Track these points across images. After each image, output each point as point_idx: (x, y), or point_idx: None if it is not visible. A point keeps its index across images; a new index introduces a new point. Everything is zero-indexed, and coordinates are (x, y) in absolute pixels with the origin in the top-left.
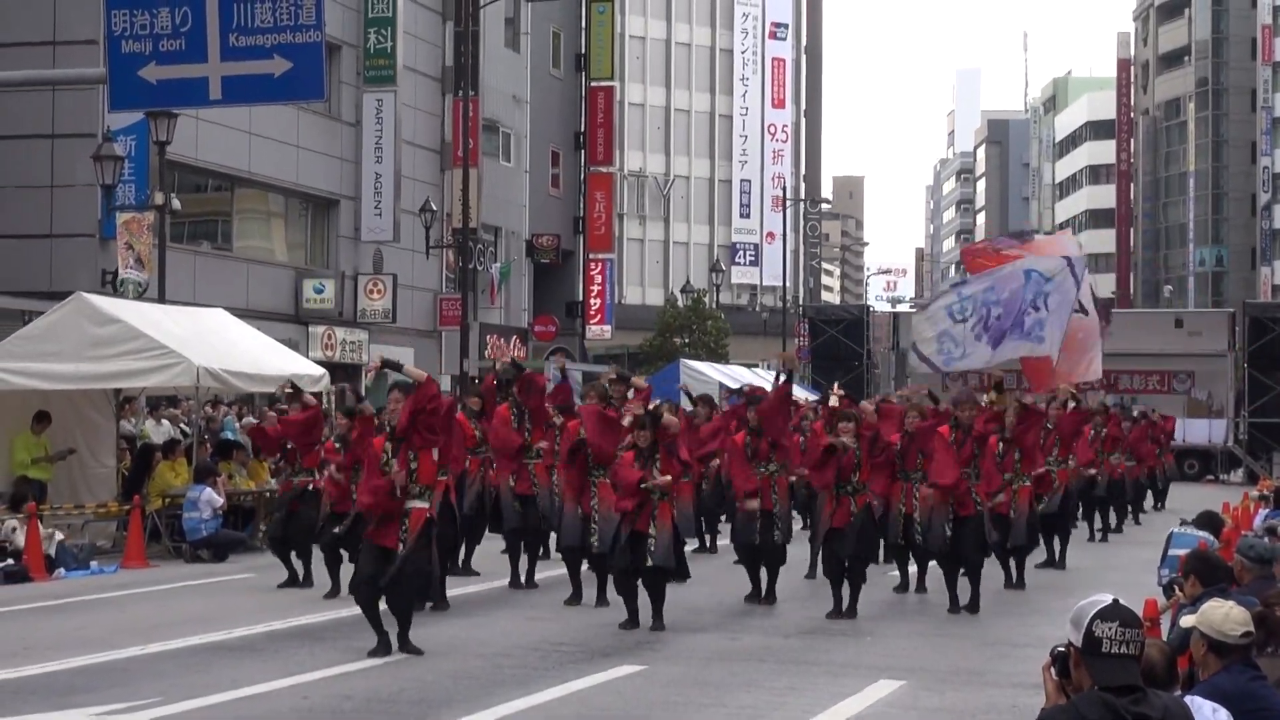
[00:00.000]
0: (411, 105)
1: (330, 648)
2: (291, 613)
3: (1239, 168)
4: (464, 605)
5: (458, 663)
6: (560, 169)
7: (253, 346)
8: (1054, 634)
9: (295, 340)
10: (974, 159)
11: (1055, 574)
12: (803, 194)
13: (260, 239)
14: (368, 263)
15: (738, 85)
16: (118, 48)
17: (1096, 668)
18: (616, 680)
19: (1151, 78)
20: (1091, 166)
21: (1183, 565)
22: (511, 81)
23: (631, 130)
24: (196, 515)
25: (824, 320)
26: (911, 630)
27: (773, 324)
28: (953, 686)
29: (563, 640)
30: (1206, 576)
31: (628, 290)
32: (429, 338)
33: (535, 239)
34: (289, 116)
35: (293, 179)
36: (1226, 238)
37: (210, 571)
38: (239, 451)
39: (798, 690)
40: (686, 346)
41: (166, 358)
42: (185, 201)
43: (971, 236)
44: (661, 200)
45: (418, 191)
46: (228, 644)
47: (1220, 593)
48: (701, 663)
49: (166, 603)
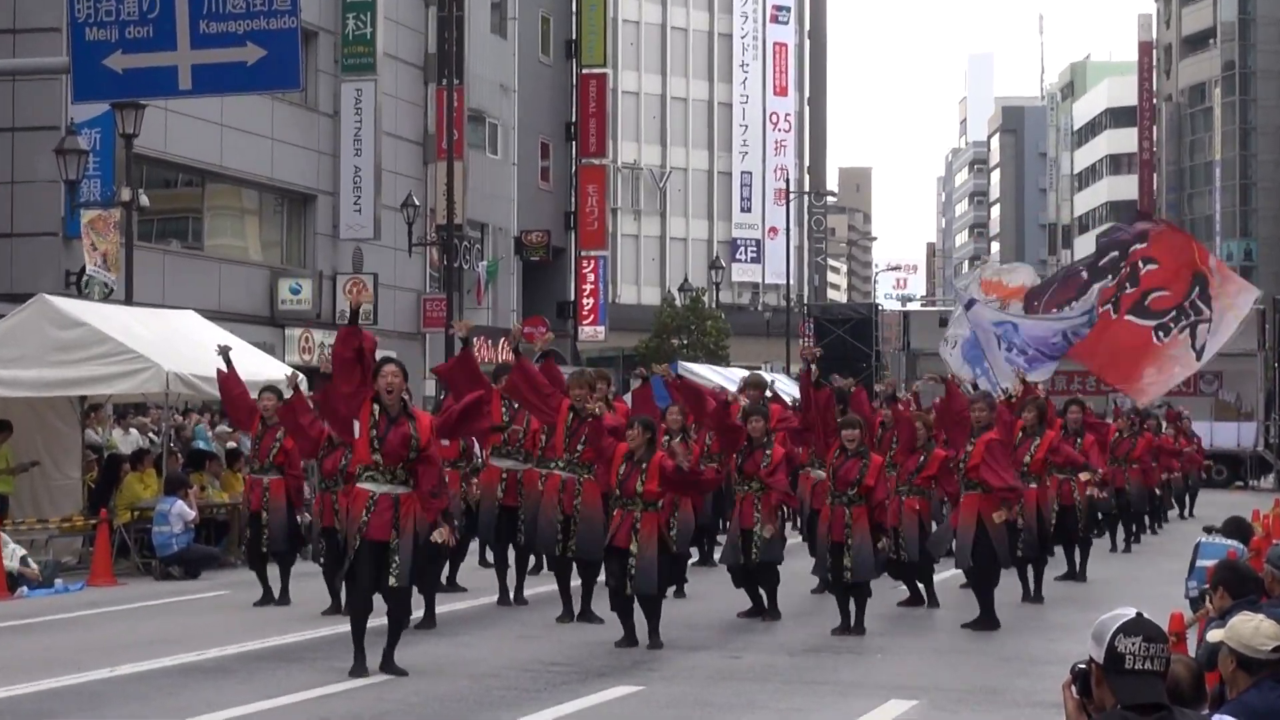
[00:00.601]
0: (393, 95)
1: (309, 669)
2: (267, 632)
3: (1268, 156)
4: (450, 623)
5: (444, 684)
6: (550, 161)
7: None
8: (1075, 650)
9: (271, 344)
10: (988, 149)
11: (1076, 586)
12: (807, 187)
13: (233, 237)
14: (347, 261)
15: (737, 72)
16: (81, 35)
17: (1119, 685)
18: (612, 702)
19: (1175, 62)
20: (1112, 156)
21: (1211, 576)
22: (498, 69)
23: (625, 120)
24: (167, 529)
25: (830, 320)
26: (924, 647)
27: (776, 324)
28: (968, 706)
29: (555, 660)
30: (1236, 588)
31: (622, 289)
32: (412, 340)
33: (524, 235)
34: (263, 107)
35: (267, 173)
36: (1255, 230)
37: (182, 589)
38: (212, 462)
39: (804, 711)
40: (684, 348)
41: (134, 363)
42: (154, 198)
43: (985, 230)
44: (657, 194)
45: (399, 186)
46: (201, 665)
47: (1250, 605)
48: (702, 683)
49: (136, 622)
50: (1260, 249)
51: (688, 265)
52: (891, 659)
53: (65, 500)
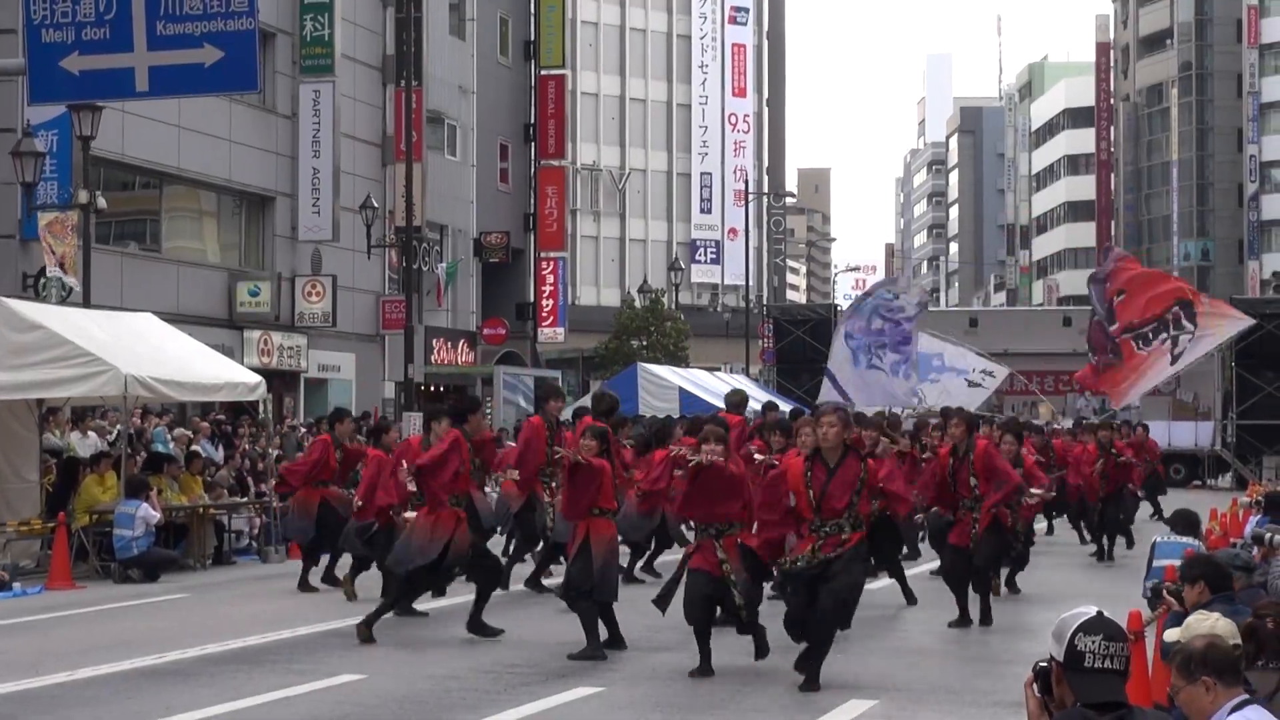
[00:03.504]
0: (351, 96)
1: (269, 671)
2: (227, 635)
3: (1225, 156)
4: (409, 624)
5: (403, 685)
6: (509, 163)
7: (184, 353)
8: (1036, 650)
9: (230, 346)
10: (946, 149)
11: (1037, 586)
12: (766, 188)
13: (191, 239)
14: (305, 263)
15: (696, 73)
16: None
17: (1079, 683)
18: (573, 703)
19: (1132, 62)
20: (1070, 156)
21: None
22: (457, 71)
23: (584, 121)
24: (127, 533)
25: (789, 321)
26: (885, 647)
27: (735, 325)
28: (928, 706)
29: (515, 661)
30: (1217, 582)
31: (582, 291)
32: (371, 342)
33: (483, 237)
34: (221, 109)
35: (225, 175)
36: (1212, 230)
37: (141, 592)
38: (170, 465)
39: (764, 712)
40: (644, 349)
41: (92, 365)
42: (111, 200)
43: (944, 231)
44: (617, 195)
45: (358, 188)
46: (160, 669)
47: (1228, 600)
48: (663, 683)
49: (95, 626)
50: (1217, 249)
51: (647, 266)
52: (853, 659)
53: (23, 503)
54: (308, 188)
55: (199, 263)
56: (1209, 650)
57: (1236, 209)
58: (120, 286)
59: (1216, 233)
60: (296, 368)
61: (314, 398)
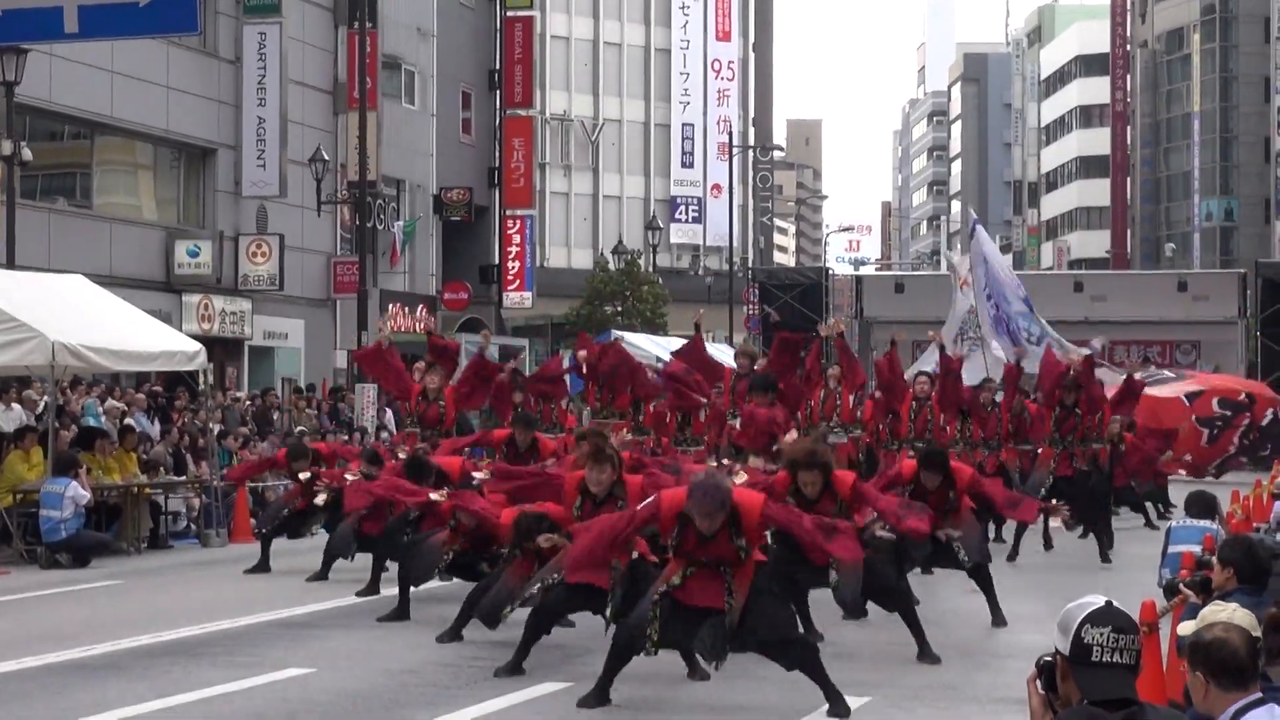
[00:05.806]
0: (300, 39)
1: (208, 665)
2: (163, 625)
3: (1251, 108)
4: (363, 614)
5: (355, 680)
6: (472, 112)
7: (117, 319)
8: (1040, 643)
9: (167, 311)
10: (948, 99)
11: (1041, 573)
12: (752, 140)
13: (125, 195)
14: (250, 221)
15: (676, 15)
16: None
17: (1086, 679)
18: (538, 699)
19: (1150, 5)
20: (1082, 107)
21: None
22: (415, 12)
23: (554, 67)
24: (55, 514)
25: (777, 285)
26: (878, 640)
27: (718, 289)
28: (925, 703)
29: (478, 655)
30: (1248, 572)
31: (551, 252)
32: (322, 307)
33: (444, 193)
34: (157, 53)
35: (162, 125)
36: (1236, 188)
37: (70, 579)
38: (102, 440)
39: (747, 710)
40: (619, 316)
41: (17, 332)
42: (37, 151)
43: (945, 188)
44: (590, 148)
45: (307, 139)
46: (89, 662)
47: (1258, 592)
48: (636, 680)
49: (19, 614)
50: (1241, 208)
51: (622, 226)
52: (844, 654)
53: None
54: (252, 139)
55: (133, 220)
56: (1213, 647)
57: (1263, 165)
58: (48, 246)
59: (1241, 191)
60: (240, 335)
61: (259, 367)
